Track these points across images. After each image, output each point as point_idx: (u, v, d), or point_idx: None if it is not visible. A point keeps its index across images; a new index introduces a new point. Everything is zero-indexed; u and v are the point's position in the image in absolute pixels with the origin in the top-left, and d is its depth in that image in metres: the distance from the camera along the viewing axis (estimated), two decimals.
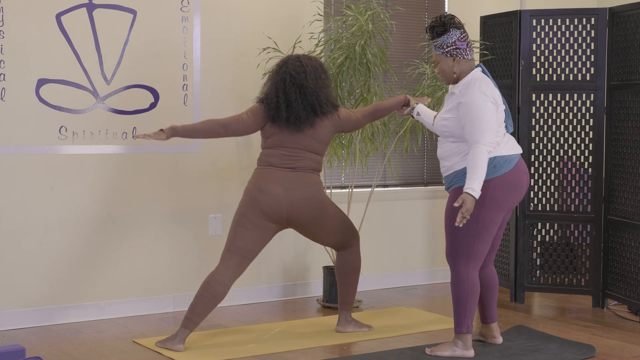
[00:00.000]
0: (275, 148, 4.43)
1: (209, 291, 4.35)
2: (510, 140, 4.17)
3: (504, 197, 4.10)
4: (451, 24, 4.17)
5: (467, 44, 4.17)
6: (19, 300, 4.85)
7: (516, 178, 4.12)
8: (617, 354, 4.37)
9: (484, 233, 4.11)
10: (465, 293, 4.13)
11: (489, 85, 4.11)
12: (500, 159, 4.09)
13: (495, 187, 4.07)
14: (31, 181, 4.86)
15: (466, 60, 4.19)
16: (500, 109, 4.12)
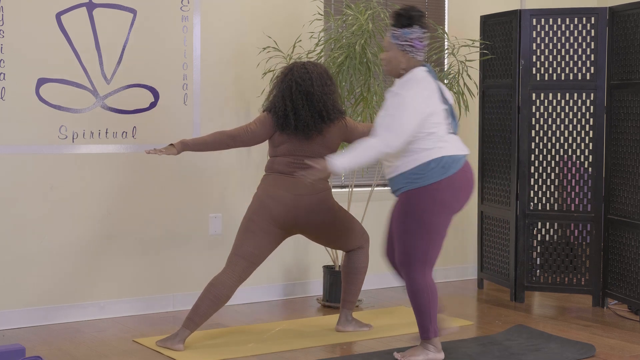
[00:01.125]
0: (284, 156, 4.43)
1: (213, 293, 4.35)
2: (456, 140, 4.05)
3: (453, 199, 3.98)
4: (417, 20, 4.03)
5: (424, 46, 4.05)
6: (19, 300, 4.85)
7: (463, 179, 4.01)
8: (617, 354, 4.37)
9: (436, 237, 3.99)
10: (426, 300, 4.03)
11: (424, 87, 3.95)
12: (449, 159, 3.96)
13: (445, 189, 3.95)
14: (31, 181, 4.86)
15: (416, 60, 4.06)
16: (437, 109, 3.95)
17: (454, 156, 3.98)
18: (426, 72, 4.05)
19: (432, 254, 4.03)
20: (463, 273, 6.50)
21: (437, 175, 3.93)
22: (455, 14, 6.38)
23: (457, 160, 3.99)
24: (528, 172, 5.58)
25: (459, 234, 6.47)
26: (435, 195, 3.94)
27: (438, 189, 3.94)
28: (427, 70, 4.07)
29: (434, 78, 4.05)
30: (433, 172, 3.93)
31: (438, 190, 3.94)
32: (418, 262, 4.00)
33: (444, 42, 5.80)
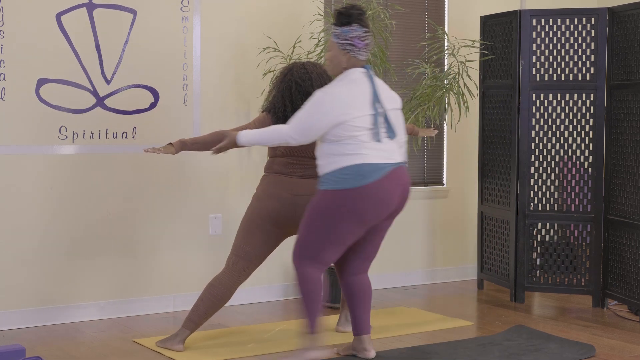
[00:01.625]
0: (283, 157, 4.42)
1: (213, 294, 4.35)
2: (385, 149, 3.90)
3: (366, 209, 3.83)
4: (357, 18, 3.97)
5: (365, 45, 3.98)
6: (18, 300, 4.85)
7: (382, 189, 3.84)
8: (617, 354, 4.37)
9: (337, 242, 3.91)
10: (307, 295, 3.97)
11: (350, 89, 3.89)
12: (367, 167, 3.83)
13: (357, 198, 3.82)
14: (31, 181, 4.86)
15: (357, 60, 4.00)
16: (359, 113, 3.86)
17: (373, 164, 3.85)
18: (362, 74, 3.98)
19: (326, 255, 3.95)
20: (463, 273, 6.50)
21: (351, 183, 3.84)
22: (455, 14, 6.38)
23: (377, 169, 3.85)
24: (528, 172, 5.58)
25: (459, 234, 6.48)
26: (345, 202, 3.84)
27: (349, 196, 3.84)
28: (363, 71, 3.99)
29: (370, 80, 3.97)
30: (348, 178, 3.84)
31: (348, 197, 3.84)
32: (309, 258, 3.96)
33: (444, 42, 5.80)
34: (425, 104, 5.40)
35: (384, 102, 3.97)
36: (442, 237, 6.40)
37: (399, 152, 4.00)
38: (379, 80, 4.06)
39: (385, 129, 3.95)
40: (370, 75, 3.99)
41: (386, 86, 4.08)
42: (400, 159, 3.98)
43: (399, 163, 3.96)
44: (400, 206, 4.02)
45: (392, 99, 4.03)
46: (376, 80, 4.01)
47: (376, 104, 3.92)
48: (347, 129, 3.87)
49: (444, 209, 6.39)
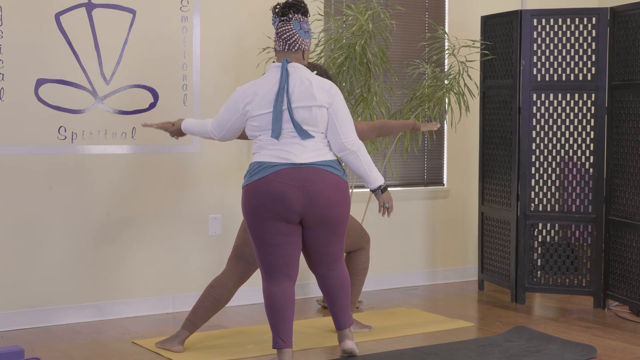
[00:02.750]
0: None
1: (213, 295, 4.34)
2: (279, 148, 3.85)
3: (258, 205, 3.82)
4: (277, 9, 3.97)
5: (277, 33, 3.94)
6: (18, 301, 4.83)
7: (268, 186, 3.80)
8: (619, 355, 4.36)
9: (261, 244, 3.89)
10: (266, 307, 3.95)
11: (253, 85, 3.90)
12: (258, 166, 3.86)
13: (247, 194, 3.86)
14: (31, 181, 4.85)
15: (277, 52, 3.97)
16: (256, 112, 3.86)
17: (264, 162, 3.84)
18: (274, 68, 3.93)
19: (265, 263, 3.92)
20: (464, 274, 6.48)
21: (246, 180, 3.89)
22: (456, 14, 6.37)
23: (267, 167, 3.83)
24: (529, 172, 5.57)
25: (459, 235, 6.47)
26: (243, 199, 3.90)
27: (244, 194, 3.89)
28: (277, 65, 3.93)
29: (280, 75, 3.86)
30: (246, 176, 3.90)
31: (244, 195, 3.89)
32: (260, 270, 3.98)
33: (445, 42, 5.79)
34: (426, 104, 5.39)
35: (295, 100, 3.85)
36: (442, 237, 6.39)
37: (309, 155, 3.87)
38: (303, 75, 3.89)
39: (292, 129, 3.86)
40: (284, 69, 3.87)
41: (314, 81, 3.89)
42: (308, 161, 3.86)
43: (302, 164, 3.85)
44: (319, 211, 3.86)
45: (309, 96, 3.86)
46: (294, 75, 3.87)
47: (279, 101, 3.82)
48: (249, 128, 3.93)
49: (444, 209, 6.38)
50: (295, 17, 3.94)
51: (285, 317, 3.92)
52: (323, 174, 3.87)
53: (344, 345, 4.15)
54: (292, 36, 3.93)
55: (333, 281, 4.11)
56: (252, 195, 3.85)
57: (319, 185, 3.85)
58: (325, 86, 3.91)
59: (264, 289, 3.96)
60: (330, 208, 3.89)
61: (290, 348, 3.94)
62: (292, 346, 3.95)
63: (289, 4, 3.95)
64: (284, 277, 3.93)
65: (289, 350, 3.94)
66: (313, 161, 3.86)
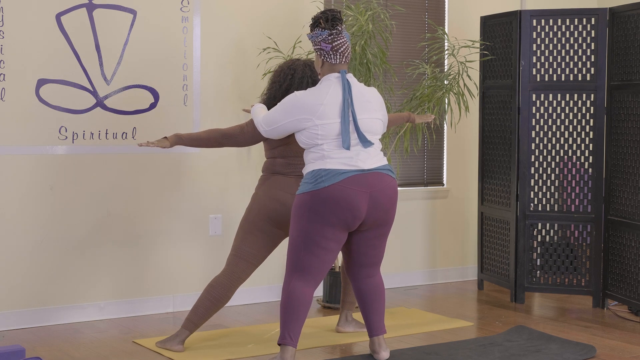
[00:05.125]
0: (282, 158, 4.42)
1: (213, 294, 4.34)
2: (348, 156, 3.92)
3: (326, 211, 3.86)
4: (319, 23, 3.99)
5: (332, 47, 3.97)
6: (18, 301, 4.84)
7: (340, 193, 3.85)
8: (618, 355, 4.37)
9: (311, 245, 3.91)
10: (283, 306, 3.97)
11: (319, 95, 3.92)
12: (323, 172, 3.88)
13: (315, 200, 3.87)
14: (31, 181, 4.86)
15: (330, 65, 4.00)
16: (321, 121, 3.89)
17: (331, 170, 3.89)
18: (335, 79, 3.97)
19: (303, 262, 3.95)
20: (463, 274, 6.49)
21: (309, 187, 3.90)
22: (456, 14, 6.38)
23: (335, 174, 3.88)
24: (528, 172, 5.58)
25: (459, 234, 6.47)
26: (305, 203, 3.91)
27: (307, 199, 3.90)
28: (337, 76, 3.98)
29: (343, 86, 3.94)
30: (308, 182, 3.92)
31: (307, 200, 3.90)
32: (289, 268, 4.00)
33: (444, 42, 5.80)
34: (426, 104, 5.40)
35: (357, 110, 3.95)
36: (442, 237, 6.40)
37: (372, 160, 3.96)
38: (359, 85, 4.01)
39: (356, 137, 3.95)
40: (345, 80, 3.96)
41: (368, 91, 4.03)
42: (373, 166, 3.95)
43: (369, 170, 3.94)
44: (380, 214, 3.96)
45: (369, 107, 3.98)
46: (354, 86, 3.98)
47: (346, 112, 3.91)
48: (311, 137, 3.93)
49: (444, 209, 6.39)
50: (343, 28, 4.02)
51: (299, 317, 3.96)
52: (385, 177, 3.98)
53: (379, 357, 4.18)
54: (347, 49, 4.02)
55: (371, 287, 4.16)
56: (320, 200, 3.87)
57: (382, 189, 3.96)
58: (378, 97, 4.08)
59: (287, 285, 3.98)
60: (389, 210, 4.00)
61: (294, 348, 3.96)
62: (296, 347, 3.98)
63: (335, 17, 3.99)
64: (313, 280, 3.99)
65: (293, 350, 3.96)
66: (376, 166, 3.97)
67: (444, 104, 5.48)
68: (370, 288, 4.16)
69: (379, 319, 4.19)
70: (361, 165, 3.92)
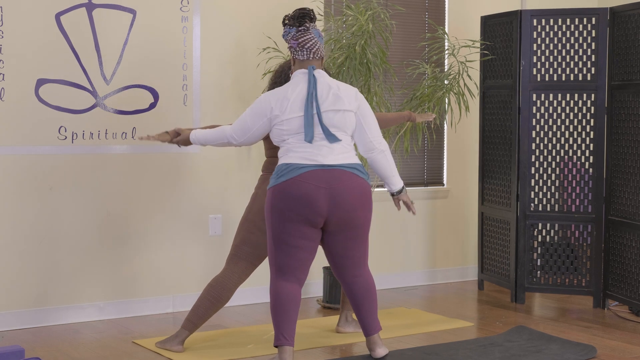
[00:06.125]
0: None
1: (213, 294, 4.34)
2: (309, 150, 3.90)
3: (285, 207, 3.85)
4: (290, 19, 4.02)
5: (298, 44, 3.99)
6: (18, 301, 4.84)
7: (297, 188, 3.84)
8: (618, 355, 4.36)
9: (280, 244, 3.91)
10: (272, 304, 3.97)
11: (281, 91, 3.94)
12: (284, 167, 3.89)
13: (274, 195, 3.88)
14: (31, 181, 4.85)
15: (299, 61, 4.02)
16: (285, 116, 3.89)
17: (292, 164, 3.88)
18: (301, 75, 3.98)
19: (279, 262, 3.94)
20: (463, 274, 6.49)
21: (272, 181, 3.92)
22: (456, 14, 6.37)
23: (293, 168, 3.87)
24: (529, 173, 5.57)
25: (459, 235, 6.47)
26: (268, 199, 3.93)
27: (269, 195, 3.92)
28: (304, 72, 3.99)
29: (309, 81, 3.93)
30: (272, 178, 3.93)
31: (269, 196, 3.92)
32: (271, 268, 4.00)
33: (444, 42, 5.79)
34: (426, 104, 5.39)
35: (323, 104, 3.92)
36: (442, 237, 6.39)
37: (336, 157, 3.91)
38: (330, 81, 3.98)
39: (320, 132, 3.92)
40: (311, 75, 3.95)
41: (342, 87, 3.99)
42: (335, 162, 3.91)
43: (330, 165, 3.90)
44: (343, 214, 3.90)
45: (338, 101, 3.94)
46: (321, 81, 3.96)
47: (308, 106, 3.89)
48: (278, 133, 3.95)
49: (444, 209, 6.39)
50: (312, 26, 4.02)
51: (289, 315, 3.95)
52: (349, 176, 3.92)
53: (375, 355, 4.16)
54: (314, 44, 4.01)
55: (358, 287, 4.12)
56: (279, 196, 3.88)
57: (345, 187, 3.90)
58: (350, 91, 4.02)
59: (272, 286, 3.98)
60: (354, 210, 3.94)
61: (292, 347, 3.95)
62: (293, 345, 3.96)
63: (302, 14, 4.01)
64: (295, 277, 3.98)
65: (290, 349, 3.95)
66: (340, 163, 3.92)
67: (444, 104, 5.47)
68: (358, 288, 4.11)
69: (371, 318, 4.15)
70: (321, 160, 3.89)
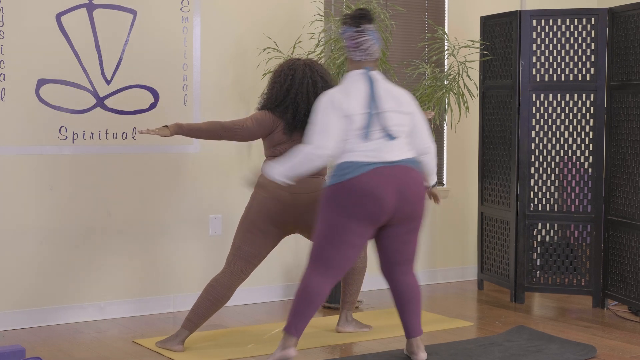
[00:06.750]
0: (282, 156, 4.41)
1: (212, 294, 4.34)
2: (371, 148, 3.91)
3: (352, 204, 3.84)
4: (348, 19, 4.03)
5: (355, 44, 4.01)
6: (18, 301, 4.84)
7: (365, 185, 3.84)
8: (618, 355, 4.37)
9: (334, 238, 3.89)
10: (299, 294, 3.97)
11: (345, 89, 3.93)
12: (348, 164, 3.87)
13: (341, 193, 3.86)
14: (31, 181, 4.86)
15: (354, 61, 4.04)
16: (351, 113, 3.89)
17: (356, 162, 3.88)
18: (358, 75, 3.99)
19: (324, 254, 3.94)
20: (463, 274, 6.49)
21: (335, 179, 3.89)
22: (455, 14, 6.38)
23: (358, 166, 3.87)
24: (528, 173, 5.58)
25: (459, 234, 6.47)
26: (331, 196, 3.90)
27: (332, 191, 3.89)
28: (361, 72, 4.00)
29: (368, 81, 3.96)
30: (335, 175, 3.91)
31: (332, 192, 3.89)
32: (311, 260, 3.98)
33: (444, 42, 5.80)
34: (426, 104, 5.40)
35: (383, 104, 3.96)
36: (442, 237, 6.40)
37: (397, 153, 3.95)
38: (384, 82, 4.03)
39: (380, 130, 3.94)
40: (369, 76, 3.99)
41: (397, 89, 4.05)
42: (398, 158, 3.94)
43: (394, 162, 3.93)
44: (409, 208, 3.95)
45: (398, 102, 4.00)
46: (378, 81, 4.00)
47: (370, 105, 3.92)
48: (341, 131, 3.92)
49: (444, 209, 6.39)
50: (369, 28, 4.04)
51: (310, 312, 3.97)
52: (411, 170, 3.97)
53: (417, 359, 4.17)
54: (371, 46, 4.03)
55: (407, 285, 4.12)
56: (345, 193, 3.86)
57: (410, 181, 3.95)
58: (406, 95, 4.08)
59: (306, 278, 3.96)
60: (416, 203, 3.98)
61: (297, 339, 3.99)
62: (298, 339, 4.00)
63: (360, 15, 4.03)
64: (332, 275, 3.97)
65: (296, 340, 3.98)
66: (401, 158, 3.96)
67: (444, 104, 5.48)
68: (404, 289, 4.12)
69: (415, 321, 4.15)
70: (384, 157, 3.92)
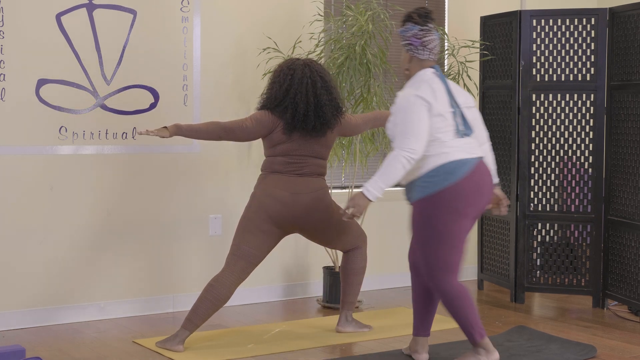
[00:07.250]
0: (282, 156, 4.42)
1: (212, 294, 4.34)
2: (466, 144, 3.90)
3: (464, 204, 3.82)
4: (411, 18, 4.00)
5: (422, 42, 3.97)
6: (18, 301, 4.84)
7: (471, 182, 3.83)
8: (618, 355, 4.37)
9: (454, 244, 3.86)
10: (459, 306, 3.91)
11: (429, 88, 3.89)
12: (452, 165, 3.82)
13: (452, 196, 3.80)
14: (31, 181, 4.86)
15: (419, 60, 3.99)
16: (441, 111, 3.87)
17: (458, 161, 3.84)
18: (432, 74, 3.97)
19: (453, 260, 3.89)
20: (463, 274, 6.49)
21: (442, 182, 3.81)
22: (455, 14, 6.38)
23: (462, 164, 3.83)
24: (528, 173, 5.58)
25: None
26: (443, 202, 3.81)
27: (444, 196, 3.81)
28: (433, 71, 3.98)
29: (441, 80, 3.96)
30: (438, 179, 3.82)
31: (444, 197, 3.81)
32: (441, 271, 3.89)
33: (444, 42, 5.80)
34: None
35: (459, 100, 3.97)
36: None
37: (478, 147, 3.98)
38: (449, 80, 4.05)
39: (462, 126, 3.93)
40: (440, 74, 3.99)
41: (457, 85, 4.07)
42: (480, 154, 3.97)
43: (480, 157, 3.94)
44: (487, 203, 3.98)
45: (466, 97, 4.02)
46: (447, 79, 4.01)
47: (452, 102, 3.93)
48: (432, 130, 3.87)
49: None
50: (434, 27, 4.03)
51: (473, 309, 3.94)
52: (487, 164, 4.02)
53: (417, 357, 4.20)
54: (437, 45, 4.03)
55: None
56: (459, 194, 3.82)
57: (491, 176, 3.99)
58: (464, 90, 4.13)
59: (448, 286, 3.90)
60: (490, 198, 4.02)
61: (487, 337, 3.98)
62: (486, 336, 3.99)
63: (427, 13, 4.01)
64: (458, 274, 3.96)
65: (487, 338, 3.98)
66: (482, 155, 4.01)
67: None
68: None
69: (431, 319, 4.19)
70: (476, 152, 3.94)
